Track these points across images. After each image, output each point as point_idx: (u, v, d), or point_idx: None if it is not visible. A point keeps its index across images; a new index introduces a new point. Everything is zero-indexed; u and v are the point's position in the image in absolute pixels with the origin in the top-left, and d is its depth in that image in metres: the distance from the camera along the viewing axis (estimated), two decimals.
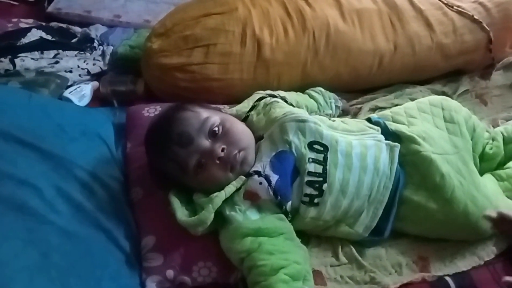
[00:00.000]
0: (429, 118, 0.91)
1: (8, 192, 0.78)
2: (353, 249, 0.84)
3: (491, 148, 0.94)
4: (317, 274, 0.80)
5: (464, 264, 0.83)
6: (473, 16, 1.19)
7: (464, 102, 1.15)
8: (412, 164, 0.85)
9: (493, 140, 0.95)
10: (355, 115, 1.10)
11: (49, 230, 0.76)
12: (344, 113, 1.11)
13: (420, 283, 0.80)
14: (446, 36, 1.18)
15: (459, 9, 1.20)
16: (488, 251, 0.84)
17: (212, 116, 0.82)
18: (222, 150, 0.79)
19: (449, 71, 1.24)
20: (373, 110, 1.11)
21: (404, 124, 0.90)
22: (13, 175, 0.80)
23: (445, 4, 1.21)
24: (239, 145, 0.81)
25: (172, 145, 0.79)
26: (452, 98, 1.09)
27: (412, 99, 1.06)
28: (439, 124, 0.90)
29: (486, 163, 0.94)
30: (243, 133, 0.83)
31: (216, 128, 0.80)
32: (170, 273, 0.77)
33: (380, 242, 0.85)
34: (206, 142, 0.80)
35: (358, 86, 1.17)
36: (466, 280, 0.81)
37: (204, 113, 0.82)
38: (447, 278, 0.81)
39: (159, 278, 0.77)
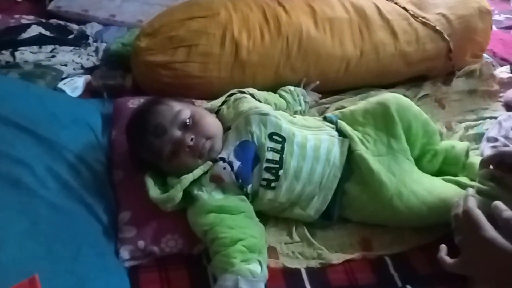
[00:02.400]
0: (370, 121, 0.97)
1: (5, 169, 0.85)
2: (306, 230, 0.93)
3: (428, 161, 1.00)
4: (271, 250, 0.89)
5: (402, 246, 0.92)
6: (435, 26, 1.29)
7: (424, 105, 1.24)
8: (353, 161, 0.94)
9: (434, 155, 1.00)
10: (322, 113, 1.19)
11: (39, 203, 0.84)
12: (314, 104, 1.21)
13: (361, 260, 0.89)
14: (409, 44, 1.27)
15: (423, 20, 1.30)
16: (427, 236, 0.93)
17: (184, 109, 0.91)
18: (192, 139, 0.88)
19: (414, 76, 1.34)
20: (339, 110, 1.20)
21: (350, 122, 0.98)
22: (10, 154, 0.88)
23: (411, 15, 1.31)
24: (207, 134, 0.90)
25: (148, 135, 0.89)
26: (412, 101, 1.17)
27: None
28: (380, 125, 0.97)
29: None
30: (211, 124, 0.93)
31: (187, 120, 0.90)
32: (141, 243, 0.85)
33: (330, 224, 0.95)
34: (178, 133, 0.89)
35: (326, 88, 1.26)
36: (402, 259, 0.90)
37: (177, 106, 0.91)
38: (386, 258, 0.90)
39: (132, 247, 0.85)
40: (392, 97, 0.99)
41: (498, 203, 0.72)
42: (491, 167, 0.88)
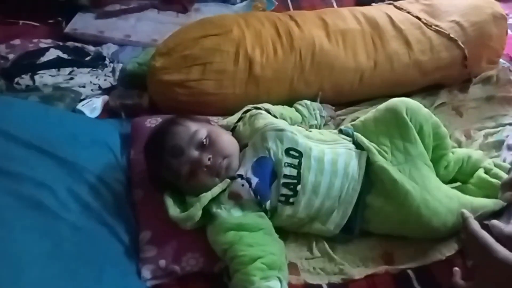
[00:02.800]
0: (383, 129, 0.97)
1: (28, 192, 0.87)
2: (326, 245, 0.92)
3: (445, 168, 1.00)
4: (292, 266, 0.89)
5: (425, 259, 0.90)
6: (449, 34, 1.28)
7: (441, 114, 1.23)
8: (373, 173, 0.93)
9: (448, 163, 1.00)
10: (337, 126, 1.18)
11: (61, 225, 0.85)
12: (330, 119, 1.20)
13: (384, 275, 0.88)
14: (423, 53, 1.27)
15: (437, 28, 1.30)
16: (450, 248, 0.91)
17: (200, 129, 0.92)
18: (209, 159, 0.90)
19: (429, 85, 1.33)
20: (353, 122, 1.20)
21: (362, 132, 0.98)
22: (32, 178, 0.89)
23: (424, 23, 1.31)
24: (224, 153, 0.91)
25: (166, 156, 0.90)
26: (429, 110, 1.17)
27: None
28: (393, 132, 0.96)
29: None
30: (227, 142, 0.94)
31: (204, 140, 0.91)
32: (162, 262, 0.86)
33: (351, 238, 0.94)
34: (195, 153, 0.90)
35: (341, 100, 1.26)
36: (426, 272, 0.89)
37: (193, 126, 0.93)
38: (409, 271, 0.89)
39: (153, 266, 0.86)
40: (400, 101, 0.98)
41: (495, 222, 0.72)
42: None
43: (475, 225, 0.73)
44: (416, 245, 0.93)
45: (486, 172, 1.00)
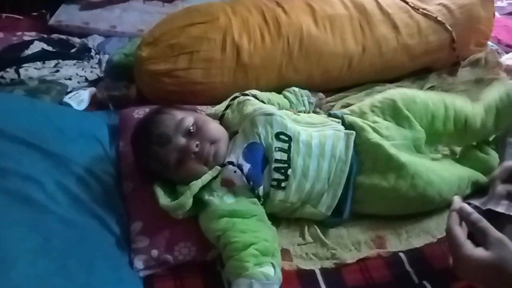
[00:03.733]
0: (379, 113, 0.98)
1: (14, 186, 0.85)
2: (318, 230, 0.92)
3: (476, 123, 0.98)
4: (285, 252, 0.89)
5: (417, 241, 0.91)
6: (436, 17, 1.29)
7: None
8: (364, 152, 0.94)
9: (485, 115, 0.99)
10: (327, 111, 1.18)
11: (50, 218, 0.83)
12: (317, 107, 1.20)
13: (376, 258, 0.88)
14: (411, 37, 1.27)
15: (424, 11, 1.30)
16: (441, 230, 0.92)
17: (186, 117, 0.91)
18: (197, 146, 0.89)
19: (418, 69, 1.34)
20: (345, 107, 1.17)
21: (357, 117, 0.99)
22: (18, 171, 0.87)
23: (411, 7, 1.31)
24: (212, 139, 0.90)
25: (153, 145, 0.89)
26: None
27: None
28: (388, 118, 0.98)
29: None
30: (214, 129, 0.93)
31: (191, 128, 0.90)
32: (154, 252, 0.86)
33: (342, 223, 0.94)
34: (182, 140, 0.89)
35: (330, 86, 1.26)
36: (418, 255, 0.89)
37: (179, 114, 0.92)
38: (401, 254, 0.89)
39: (145, 257, 0.85)
40: (397, 92, 1.01)
41: (464, 206, 0.72)
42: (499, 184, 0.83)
43: (454, 219, 0.73)
44: (408, 228, 0.94)
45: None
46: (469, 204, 0.92)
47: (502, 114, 1.00)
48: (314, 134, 0.94)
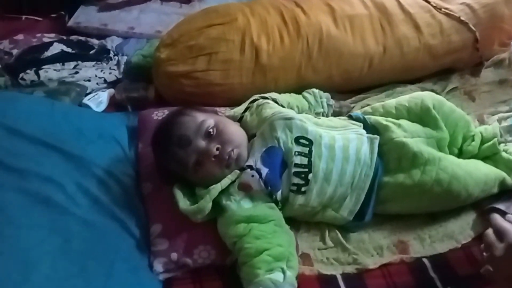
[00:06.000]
0: (404, 112, 0.98)
1: (35, 188, 0.86)
2: (339, 234, 0.91)
3: (468, 145, 1.00)
4: (305, 257, 0.88)
5: (441, 247, 0.89)
6: (459, 17, 1.25)
7: (453, 98, 1.21)
8: (388, 152, 0.93)
9: (472, 140, 1.01)
10: (347, 113, 1.17)
11: (70, 220, 0.85)
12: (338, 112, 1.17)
13: (399, 264, 0.87)
14: (433, 37, 1.24)
15: (447, 11, 1.27)
16: (465, 235, 0.91)
17: (207, 119, 0.90)
18: (217, 149, 0.88)
19: (440, 70, 1.31)
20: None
21: (381, 116, 0.98)
22: (39, 173, 0.89)
23: (433, 6, 1.28)
24: (233, 143, 0.89)
25: (173, 147, 0.89)
26: (440, 95, 1.15)
27: None
28: (413, 117, 0.97)
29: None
30: (235, 133, 0.92)
31: (211, 130, 0.89)
32: (174, 255, 0.85)
33: (364, 227, 0.92)
34: (202, 143, 0.88)
35: (350, 87, 1.24)
36: (442, 261, 0.87)
37: (200, 116, 0.91)
38: (424, 260, 0.87)
39: (165, 260, 0.85)
40: (427, 93, 1.01)
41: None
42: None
43: (495, 216, 0.74)
44: (431, 233, 0.92)
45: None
46: (494, 208, 0.91)
47: None
48: (338, 137, 0.92)
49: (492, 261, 0.72)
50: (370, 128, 0.96)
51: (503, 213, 0.88)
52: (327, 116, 1.13)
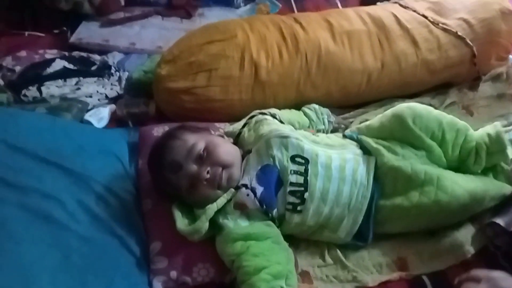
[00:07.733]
0: (388, 135, 0.96)
1: (35, 204, 0.87)
2: (338, 252, 0.91)
3: (475, 162, 0.97)
4: (305, 274, 0.88)
5: (440, 263, 0.89)
6: (456, 32, 1.26)
7: (451, 113, 1.17)
8: (383, 176, 0.92)
9: (476, 154, 0.97)
10: (346, 128, 1.17)
11: (70, 236, 0.85)
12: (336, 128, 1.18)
13: (398, 281, 0.87)
14: (431, 52, 1.25)
15: (444, 26, 1.28)
16: (465, 251, 0.90)
17: (198, 142, 0.91)
18: (207, 172, 0.88)
19: (438, 84, 1.31)
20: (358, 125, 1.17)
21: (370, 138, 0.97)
22: (39, 189, 0.90)
23: (431, 22, 1.29)
24: (223, 163, 0.89)
25: (165, 172, 0.90)
26: (439, 109, 1.14)
27: None
28: (398, 136, 0.96)
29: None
30: (227, 152, 0.92)
31: (202, 153, 0.90)
32: (173, 273, 0.86)
33: (364, 246, 0.92)
34: (193, 167, 0.89)
35: (349, 102, 1.25)
36: (441, 278, 0.87)
37: (191, 139, 0.91)
38: (424, 277, 0.87)
39: (164, 278, 0.85)
40: (407, 108, 0.96)
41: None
42: None
43: None
44: (430, 249, 0.92)
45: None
46: (494, 223, 0.91)
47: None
48: (334, 157, 0.92)
49: None
50: (364, 148, 0.96)
51: (502, 229, 0.89)
52: (326, 132, 1.13)
